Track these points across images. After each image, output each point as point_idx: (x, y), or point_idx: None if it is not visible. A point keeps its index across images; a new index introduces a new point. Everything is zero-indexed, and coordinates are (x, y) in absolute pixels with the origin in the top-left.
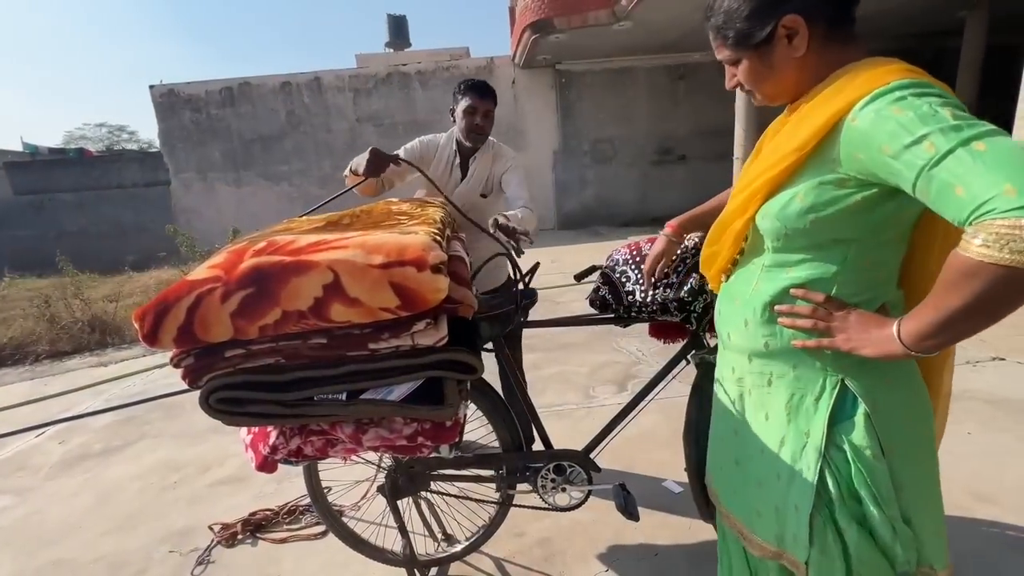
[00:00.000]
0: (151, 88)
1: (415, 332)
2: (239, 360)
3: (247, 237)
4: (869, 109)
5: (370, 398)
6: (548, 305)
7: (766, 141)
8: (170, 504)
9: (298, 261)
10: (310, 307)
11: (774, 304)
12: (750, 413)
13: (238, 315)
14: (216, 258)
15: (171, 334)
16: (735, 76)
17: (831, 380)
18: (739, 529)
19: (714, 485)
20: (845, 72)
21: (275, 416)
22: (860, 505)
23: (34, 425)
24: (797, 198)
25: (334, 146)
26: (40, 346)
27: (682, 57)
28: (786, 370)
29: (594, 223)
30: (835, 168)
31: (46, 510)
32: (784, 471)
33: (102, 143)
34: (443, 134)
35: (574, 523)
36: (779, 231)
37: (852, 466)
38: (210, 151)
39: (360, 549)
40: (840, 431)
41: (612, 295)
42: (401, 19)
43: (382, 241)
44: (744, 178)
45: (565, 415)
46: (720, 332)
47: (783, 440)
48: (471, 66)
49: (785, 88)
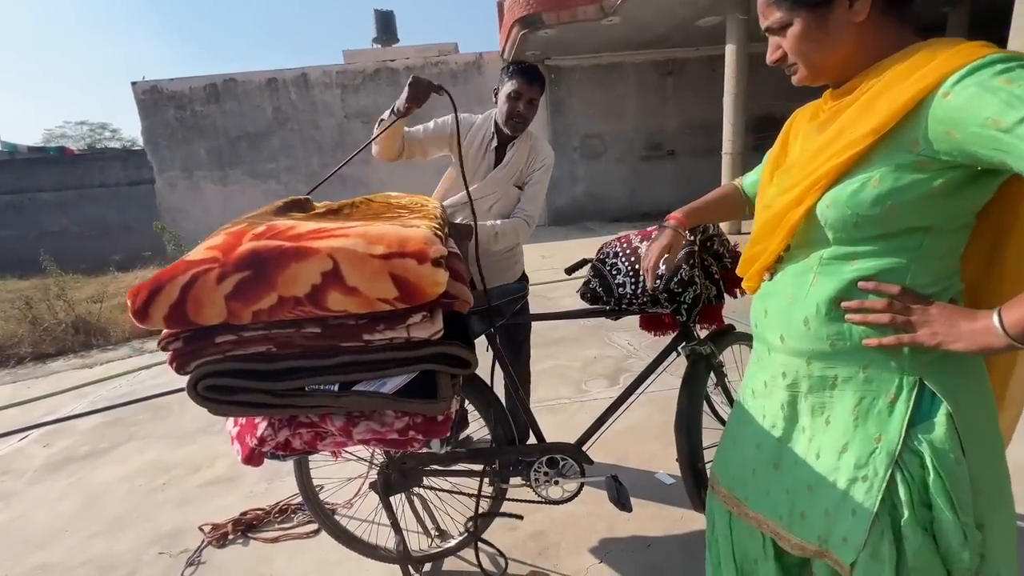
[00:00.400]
0: (133, 85)
1: (411, 324)
2: (229, 347)
3: (246, 218)
4: (969, 82)
5: (363, 390)
6: (540, 300)
7: (799, 128)
8: (159, 506)
9: (298, 247)
10: (307, 294)
11: (840, 300)
12: (806, 418)
13: (233, 297)
14: (214, 239)
15: (162, 311)
16: (779, 48)
17: (908, 380)
18: (773, 530)
19: (728, 486)
20: (916, 50)
21: (265, 406)
22: (929, 511)
23: (17, 429)
24: (871, 184)
25: (322, 143)
26: (22, 348)
27: (670, 53)
28: (854, 372)
29: (584, 219)
30: (914, 149)
31: (31, 514)
32: (843, 476)
33: (83, 141)
34: (479, 115)
35: (568, 516)
36: (848, 220)
37: (930, 471)
38: (195, 149)
39: (353, 547)
40: (918, 433)
41: (602, 287)
42: (389, 14)
43: (383, 232)
44: (796, 167)
45: (558, 409)
46: (766, 336)
47: (845, 446)
48: (460, 62)
49: (835, 61)
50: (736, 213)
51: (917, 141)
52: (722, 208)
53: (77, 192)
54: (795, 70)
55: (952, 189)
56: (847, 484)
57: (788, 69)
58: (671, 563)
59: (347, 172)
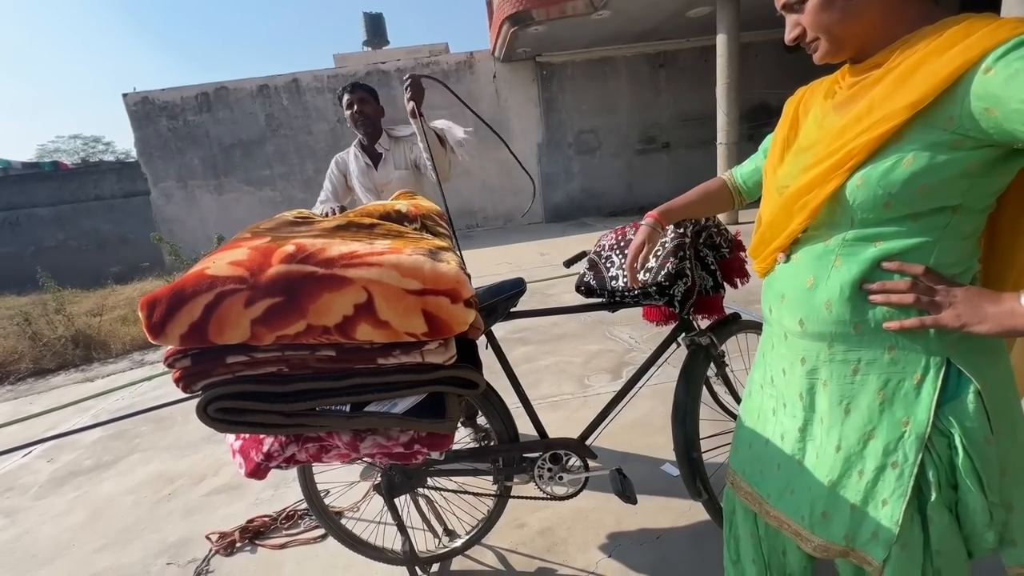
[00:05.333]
0: (124, 96)
1: (426, 351)
2: (240, 367)
3: (265, 227)
4: (1013, 57)
5: (374, 411)
6: (539, 297)
7: (809, 105)
8: (165, 516)
9: (332, 275)
10: (337, 324)
11: (863, 282)
12: (824, 408)
13: (260, 322)
14: (235, 253)
15: (180, 329)
16: (798, 25)
17: (935, 360)
18: (794, 531)
19: (749, 484)
20: (950, 23)
21: (275, 426)
22: (955, 491)
23: (21, 444)
24: (904, 162)
25: (316, 148)
26: (23, 364)
27: (661, 45)
28: (878, 355)
29: (581, 215)
30: (949, 127)
31: (37, 530)
32: (870, 466)
33: (77, 155)
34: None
35: (575, 511)
36: (879, 200)
37: (959, 451)
38: (189, 159)
39: (360, 550)
40: (947, 414)
41: (596, 280)
42: (378, 17)
43: (417, 265)
44: (819, 145)
45: (561, 405)
46: (783, 320)
47: (871, 432)
48: (451, 62)
49: (859, 32)
50: (723, 207)
51: (952, 118)
52: (706, 202)
53: (72, 206)
54: (816, 46)
55: (985, 168)
56: (875, 473)
57: (808, 47)
58: (680, 554)
59: None
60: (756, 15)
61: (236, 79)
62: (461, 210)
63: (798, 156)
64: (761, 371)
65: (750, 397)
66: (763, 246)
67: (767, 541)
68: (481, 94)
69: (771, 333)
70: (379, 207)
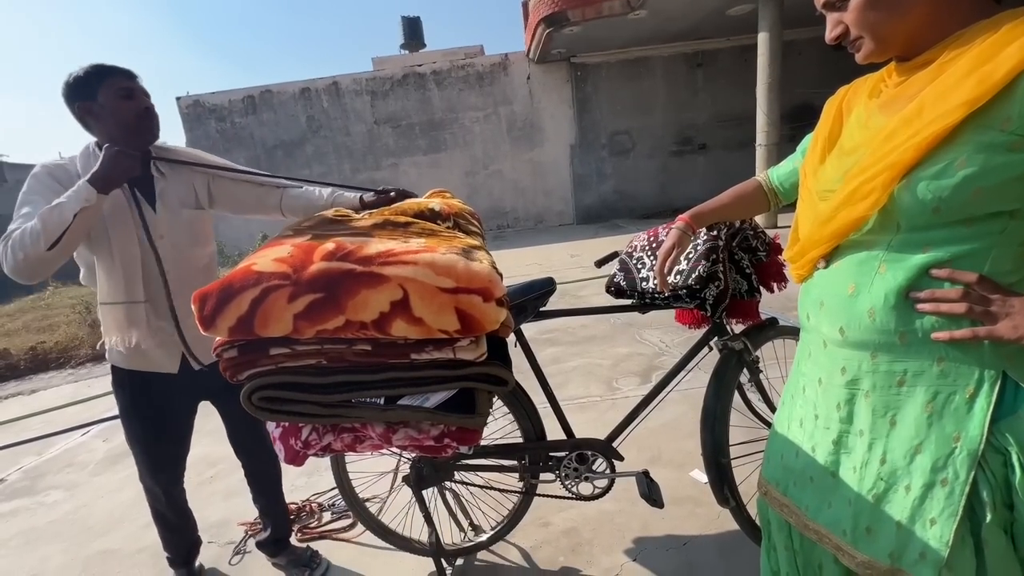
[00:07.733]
0: (178, 100)
1: (458, 347)
2: (283, 359)
3: (306, 225)
4: None
5: (407, 404)
6: (569, 298)
7: (852, 104)
8: (207, 497)
9: (370, 272)
10: (374, 320)
11: (910, 290)
12: (865, 420)
13: (302, 317)
14: (279, 249)
15: (228, 322)
16: (840, 23)
17: (989, 374)
18: (835, 545)
19: (785, 495)
20: (1005, 19)
21: (313, 415)
22: (1011, 512)
23: (80, 424)
24: (956, 164)
25: (353, 149)
26: (83, 350)
27: (699, 44)
28: (927, 366)
29: (613, 216)
30: (1007, 128)
31: (93, 504)
32: (918, 481)
33: None
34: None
35: (600, 513)
36: (928, 205)
37: (1016, 471)
38: (235, 158)
39: (388, 539)
40: (1002, 430)
41: (627, 281)
42: (415, 20)
43: (451, 263)
44: (866, 149)
45: (589, 407)
46: (821, 328)
47: (918, 447)
48: (485, 63)
49: (906, 29)
50: (758, 209)
51: (1010, 119)
52: (740, 205)
53: None
54: (859, 45)
55: None
56: (923, 490)
57: (851, 46)
58: (707, 562)
59: (377, 176)
60: (800, 12)
61: (279, 82)
62: (492, 210)
63: (841, 158)
64: (795, 380)
65: (783, 406)
66: (802, 252)
67: (802, 555)
68: (515, 95)
69: (808, 341)
70: (413, 205)
